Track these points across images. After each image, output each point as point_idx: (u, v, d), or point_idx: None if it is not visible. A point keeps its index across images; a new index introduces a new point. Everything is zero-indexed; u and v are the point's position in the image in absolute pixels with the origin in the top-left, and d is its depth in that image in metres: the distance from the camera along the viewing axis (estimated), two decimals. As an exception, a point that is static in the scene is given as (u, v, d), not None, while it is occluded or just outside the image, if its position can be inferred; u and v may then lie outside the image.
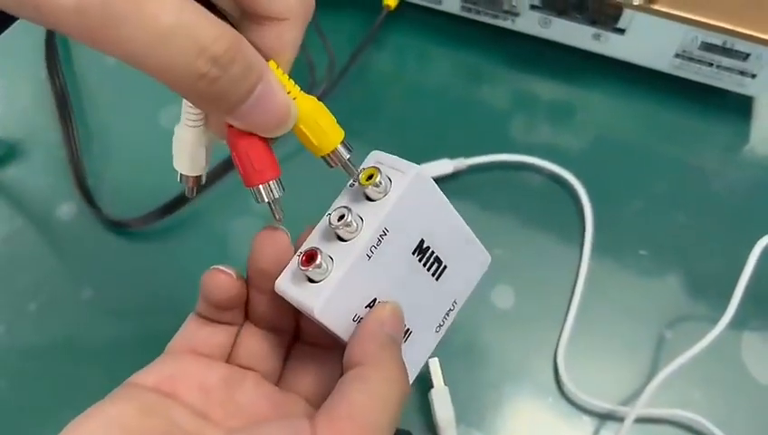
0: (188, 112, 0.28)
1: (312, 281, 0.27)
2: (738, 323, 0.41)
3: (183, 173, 0.29)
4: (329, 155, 0.27)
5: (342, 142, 0.27)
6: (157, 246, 0.47)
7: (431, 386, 0.41)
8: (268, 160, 0.27)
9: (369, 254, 0.27)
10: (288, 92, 0.26)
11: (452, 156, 0.49)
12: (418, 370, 0.31)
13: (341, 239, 0.27)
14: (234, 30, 0.23)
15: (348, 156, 0.27)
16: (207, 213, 0.48)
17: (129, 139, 0.51)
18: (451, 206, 0.30)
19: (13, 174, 0.50)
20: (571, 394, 0.42)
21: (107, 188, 0.49)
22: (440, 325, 0.31)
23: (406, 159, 0.28)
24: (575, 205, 0.49)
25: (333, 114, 0.27)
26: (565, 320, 0.44)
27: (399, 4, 0.52)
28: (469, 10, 0.53)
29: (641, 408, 0.41)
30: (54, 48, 0.53)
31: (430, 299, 0.30)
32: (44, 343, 0.44)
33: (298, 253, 0.28)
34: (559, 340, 0.44)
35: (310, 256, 0.26)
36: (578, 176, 0.49)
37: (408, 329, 0.30)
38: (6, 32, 0.28)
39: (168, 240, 0.47)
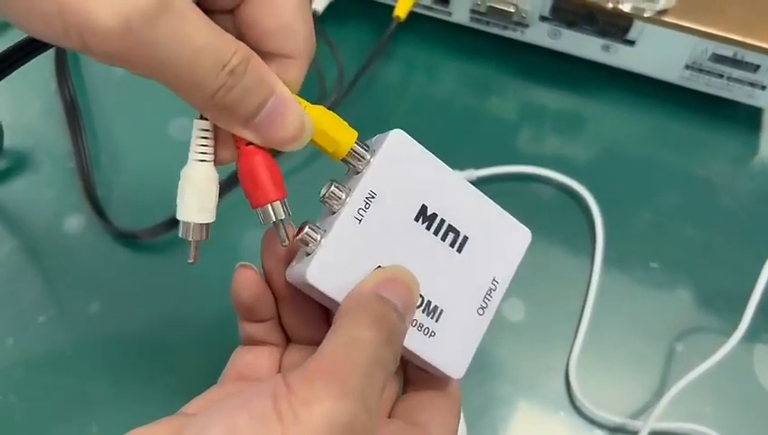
0: (199, 145, 0.28)
1: (308, 255, 0.27)
2: (750, 336, 0.41)
3: (193, 221, 0.28)
4: (346, 158, 0.27)
5: (357, 142, 0.27)
6: (166, 257, 0.47)
7: (442, 400, 0.40)
8: (275, 181, 0.27)
9: (358, 217, 0.27)
10: None
11: (461, 168, 0.49)
12: (469, 358, 0.29)
13: (334, 213, 0.27)
14: (247, 46, 0.24)
15: (367, 155, 0.27)
16: (218, 224, 0.47)
17: (139, 150, 0.51)
18: (450, 170, 0.29)
19: (21, 185, 0.50)
20: (583, 408, 0.42)
21: (116, 200, 0.49)
22: (482, 307, 0.29)
23: None
24: (585, 217, 0.48)
25: None
26: (576, 333, 0.44)
27: (409, 15, 0.52)
28: (479, 21, 0.53)
29: (654, 422, 0.40)
30: (64, 59, 0.53)
31: (458, 274, 0.29)
32: (52, 356, 0.44)
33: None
34: (570, 353, 0.44)
35: (300, 229, 0.27)
36: (588, 187, 0.48)
37: (437, 306, 0.28)
38: (16, 44, 0.28)
39: (178, 252, 0.47)
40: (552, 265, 0.47)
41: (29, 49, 0.27)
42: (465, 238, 0.29)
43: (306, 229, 0.27)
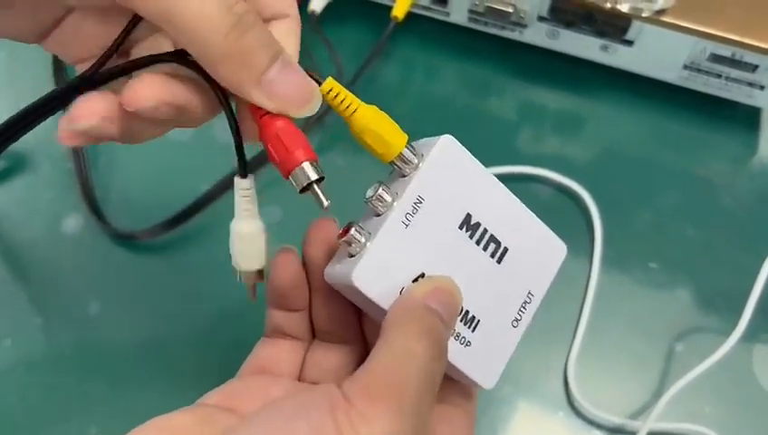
0: (244, 202, 0.29)
1: (352, 256, 0.27)
2: (749, 336, 0.41)
3: (254, 269, 0.30)
4: (394, 161, 0.27)
5: (408, 145, 0.27)
6: (164, 258, 0.47)
7: (441, 400, 0.40)
8: (301, 142, 0.26)
9: (406, 221, 0.26)
10: (349, 104, 0.27)
11: (460, 168, 0.49)
12: (501, 370, 0.29)
13: (378, 215, 0.27)
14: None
15: (414, 159, 0.27)
16: (216, 225, 0.47)
17: (137, 150, 0.51)
18: (494, 178, 0.29)
19: (20, 186, 0.49)
20: (582, 408, 0.42)
21: (114, 200, 0.49)
22: (517, 320, 0.29)
23: None
24: (584, 217, 0.48)
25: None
26: (575, 333, 0.44)
27: (407, 15, 0.52)
28: (477, 21, 0.53)
29: (652, 422, 0.40)
30: (62, 60, 0.53)
31: (496, 285, 0.28)
32: (51, 356, 0.43)
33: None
34: (569, 353, 0.44)
35: (345, 230, 0.26)
36: (586, 188, 0.48)
37: (474, 316, 0.28)
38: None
39: (176, 253, 0.47)
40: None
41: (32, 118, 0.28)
42: (506, 250, 0.29)
43: (352, 231, 0.26)
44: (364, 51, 0.52)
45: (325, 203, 0.27)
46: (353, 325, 0.31)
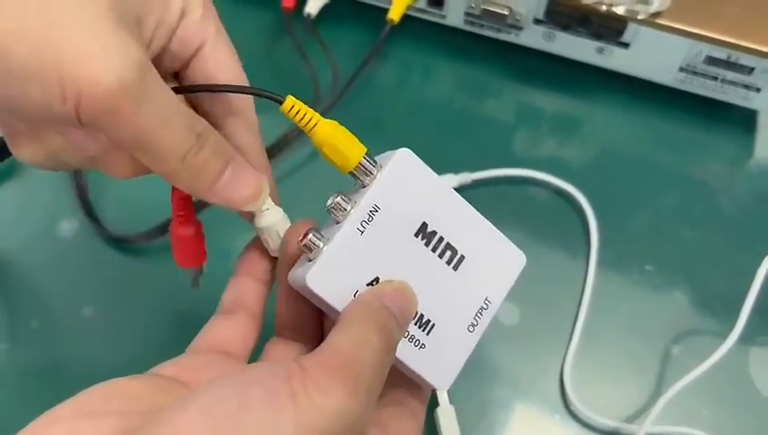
0: (254, 206, 0.30)
1: (310, 261, 0.28)
2: (746, 339, 0.41)
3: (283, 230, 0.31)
4: (354, 171, 0.28)
5: (366, 156, 0.28)
6: (159, 261, 0.46)
7: (437, 405, 0.40)
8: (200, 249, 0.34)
9: (361, 228, 0.28)
10: (309, 119, 0.29)
11: (456, 171, 0.49)
12: (456, 372, 0.30)
13: (338, 222, 0.28)
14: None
15: (373, 170, 0.29)
16: (211, 229, 0.47)
17: (132, 154, 0.51)
18: (452, 190, 0.30)
19: (15, 189, 0.49)
20: (578, 412, 0.42)
21: (109, 204, 0.48)
22: (473, 325, 0.30)
23: None
24: (580, 219, 0.48)
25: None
26: (571, 336, 0.44)
27: (403, 18, 0.52)
28: (473, 24, 0.53)
29: (649, 425, 0.40)
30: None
31: (452, 291, 0.30)
32: (46, 360, 0.43)
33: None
34: (565, 356, 0.43)
35: (305, 235, 0.28)
36: (583, 190, 0.48)
37: (429, 320, 0.29)
38: None
39: (171, 256, 0.46)
40: (548, 269, 0.47)
41: None
42: (462, 257, 0.30)
43: (310, 236, 0.28)
44: (360, 53, 0.52)
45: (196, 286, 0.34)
46: (314, 326, 0.32)
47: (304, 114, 0.28)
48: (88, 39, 0.23)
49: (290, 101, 0.28)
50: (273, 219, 0.31)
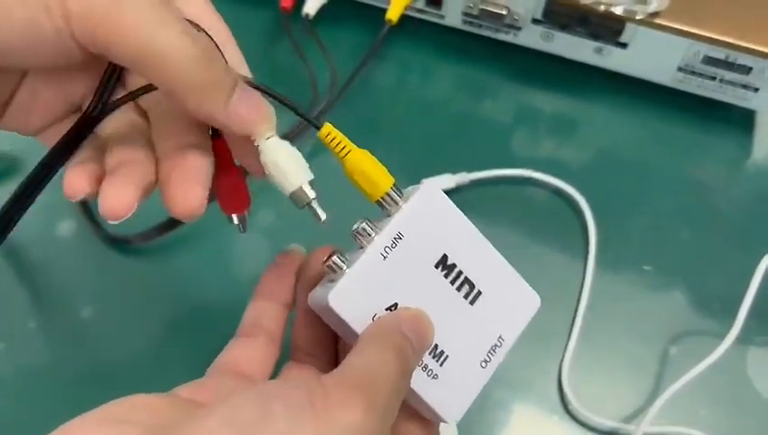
0: (263, 129, 0.29)
1: (332, 282, 0.28)
2: (744, 339, 0.41)
3: (305, 182, 0.29)
4: (381, 200, 0.29)
5: (393, 187, 0.29)
6: (158, 262, 0.46)
7: (435, 404, 0.40)
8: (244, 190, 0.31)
9: (384, 254, 0.28)
10: (343, 147, 0.29)
11: (454, 171, 0.49)
12: (466, 407, 0.30)
13: (362, 247, 0.29)
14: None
15: (400, 200, 0.29)
16: (210, 229, 0.47)
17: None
18: (475, 228, 0.31)
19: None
20: (577, 412, 0.42)
21: (107, 204, 0.48)
22: (486, 361, 0.31)
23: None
24: (578, 220, 0.48)
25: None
26: (569, 337, 0.44)
27: (402, 18, 0.52)
28: (471, 24, 0.53)
29: (647, 426, 0.40)
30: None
31: (467, 325, 0.30)
32: (44, 361, 0.43)
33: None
34: (563, 357, 0.43)
35: (329, 255, 0.28)
36: (581, 190, 0.48)
37: (443, 351, 0.29)
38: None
39: (170, 256, 0.47)
40: (546, 269, 0.47)
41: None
42: (479, 293, 0.30)
43: (334, 257, 0.28)
44: (358, 53, 0.52)
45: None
46: (330, 350, 0.32)
47: (339, 142, 0.29)
48: None
49: (327, 127, 0.29)
50: (280, 146, 0.29)
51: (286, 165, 0.28)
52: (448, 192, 0.48)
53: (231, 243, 0.47)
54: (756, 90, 0.49)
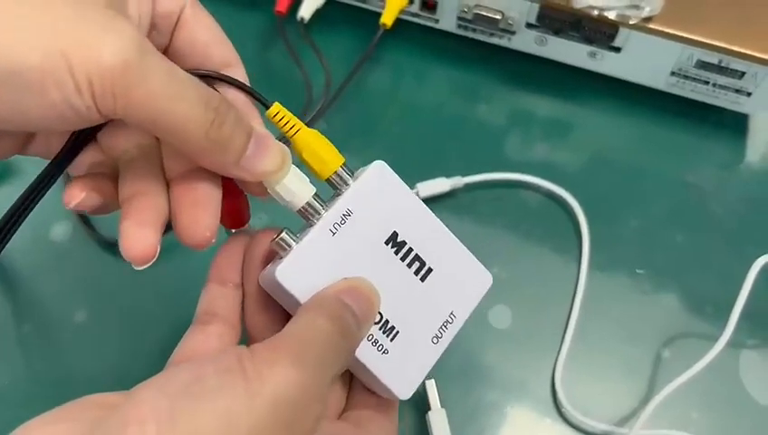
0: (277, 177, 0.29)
1: (281, 258, 0.29)
2: (736, 342, 0.41)
3: (310, 197, 0.29)
4: (331, 179, 0.30)
5: (343, 166, 0.30)
6: (153, 266, 0.46)
7: (428, 408, 0.40)
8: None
9: (333, 230, 0.29)
10: (293, 126, 0.30)
11: (448, 174, 0.49)
12: (417, 382, 0.30)
13: (311, 225, 0.29)
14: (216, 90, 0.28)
15: (349, 179, 0.30)
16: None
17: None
18: (425, 206, 0.31)
19: (6, 192, 0.49)
20: (569, 415, 0.42)
21: (102, 208, 0.48)
22: (437, 337, 0.31)
23: (402, 177, 0.31)
24: (572, 223, 0.48)
25: (330, 133, 0.30)
26: (563, 340, 0.44)
27: (396, 22, 0.52)
28: (465, 28, 0.53)
29: (639, 429, 0.40)
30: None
31: (418, 301, 0.30)
32: (38, 364, 0.43)
33: None
34: (556, 360, 0.44)
35: (278, 233, 0.29)
36: (574, 194, 0.49)
37: (393, 326, 0.30)
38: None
39: (165, 260, 0.46)
40: (539, 272, 0.47)
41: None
42: (430, 269, 0.31)
43: (283, 235, 0.28)
44: (353, 57, 0.52)
45: None
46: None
47: (288, 120, 0.30)
48: (83, 28, 0.24)
49: (276, 107, 0.30)
50: (296, 180, 0.30)
51: (292, 184, 0.29)
52: (443, 196, 0.49)
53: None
54: (749, 94, 0.49)
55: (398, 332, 0.30)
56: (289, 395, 0.23)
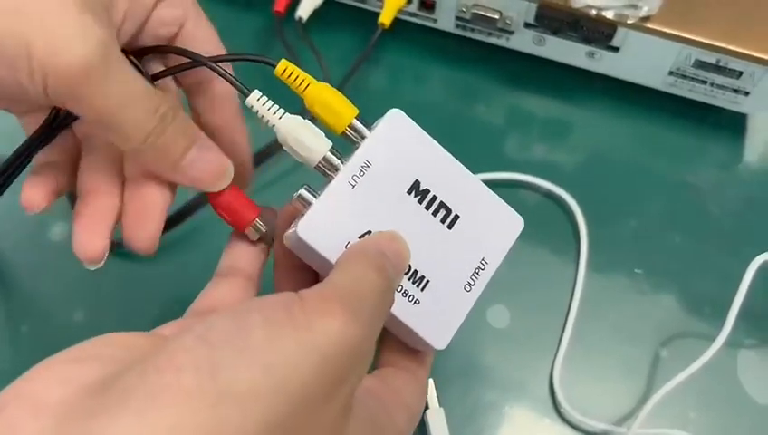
0: (271, 108, 0.30)
1: (302, 216, 0.28)
2: (734, 341, 0.41)
3: (327, 151, 0.29)
4: (347, 131, 0.29)
5: (358, 117, 0.29)
6: (151, 265, 0.46)
7: (426, 407, 0.40)
8: (246, 205, 0.31)
9: (352, 182, 0.28)
10: (302, 81, 0.29)
11: (447, 174, 0.49)
12: (453, 331, 0.29)
13: (331, 180, 0.29)
14: (173, 100, 0.30)
15: (365, 130, 0.29)
16: (205, 231, 0.47)
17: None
18: (446, 152, 0.30)
19: (5, 192, 0.49)
20: (568, 415, 0.42)
21: (100, 208, 0.48)
22: (469, 284, 0.30)
23: None
24: (570, 223, 0.48)
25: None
26: (561, 339, 0.44)
27: (394, 22, 0.52)
28: (464, 28, 0.53)
29: (637, 428, 0.40)
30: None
31: (446, 249, 0.29)
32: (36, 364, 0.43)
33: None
34: (555, 359, 0.44)
35: (298, 191, 0.28)
36: (573, 194, 0.49)
37: (423, 276, 0.29)
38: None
39: (164, 259, 0.47)
40: (537, 272, 0.47)
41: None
42: (457, 217, 0.30)
43: (301, 191, 0.28)
44: (351, 57, 0.52)
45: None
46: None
47: (297, 76, 0.29)
48: (54, 23, 0.25)
49: (283, 63, 0.30)
50: (295, 122, 0.29)
51: (307, 139, 0.29)
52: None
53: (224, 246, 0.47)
54: (747, 93, 0.49)
55: (428, 281, 0.29)
56: (341, 350, 0.21)
